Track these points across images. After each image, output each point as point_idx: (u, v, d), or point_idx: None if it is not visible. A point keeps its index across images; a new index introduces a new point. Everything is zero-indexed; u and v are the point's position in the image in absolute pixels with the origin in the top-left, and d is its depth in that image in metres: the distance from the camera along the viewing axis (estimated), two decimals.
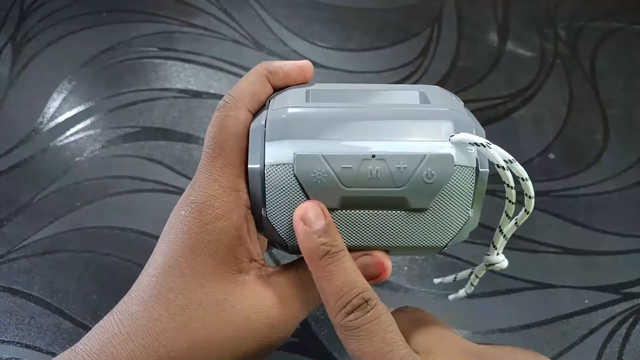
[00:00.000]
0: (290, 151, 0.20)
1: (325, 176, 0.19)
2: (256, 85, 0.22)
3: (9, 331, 0.35)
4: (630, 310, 0.36)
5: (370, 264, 0.21)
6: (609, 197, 0.42)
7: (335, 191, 0.20)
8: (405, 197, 0.20)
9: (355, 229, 0.21)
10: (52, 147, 0.43)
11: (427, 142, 0.20)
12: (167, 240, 0.21)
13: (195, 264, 0.20)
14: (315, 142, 0.20)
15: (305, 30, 0.51)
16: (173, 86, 0.47)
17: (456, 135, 0.20)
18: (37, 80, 0.47)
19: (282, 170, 0.20)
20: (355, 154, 0.19)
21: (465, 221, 0.21)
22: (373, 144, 0.20)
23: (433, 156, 0.19)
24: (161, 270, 0.20)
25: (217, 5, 0.52)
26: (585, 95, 0.48)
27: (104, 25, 0.51)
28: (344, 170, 0.19)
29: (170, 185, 0.41)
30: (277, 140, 0.20)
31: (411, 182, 0.19)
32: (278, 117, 0.20)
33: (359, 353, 0.18)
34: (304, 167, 0.19)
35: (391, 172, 0.19)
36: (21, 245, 0.38)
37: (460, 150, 0.20)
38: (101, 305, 0.36)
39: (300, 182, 0.20)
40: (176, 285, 0.20)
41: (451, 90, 0.51)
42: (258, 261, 0.21)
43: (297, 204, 0.20)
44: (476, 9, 0.54)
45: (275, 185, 0.20)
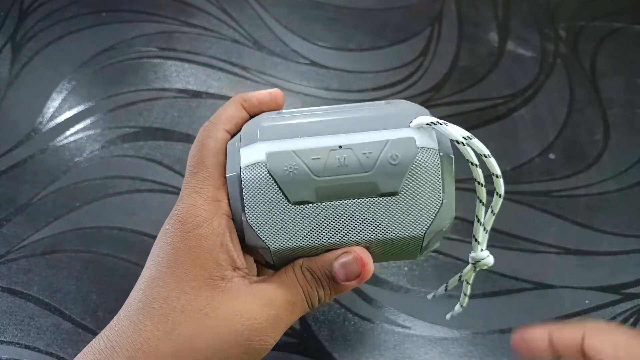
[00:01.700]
0: (263, 151, 0.21)
1: (296, 169, 0.20)
2: (232, 110, 0.24)
3: (9, 331, 0.34)
4: (630, 311, 0.36)
5: (349, 261, 0.21)
6: (609, 197, 0.42)
7: (308, 182, 0.20)
8: (374, 182, 0.21)
9: (333, 222, 0.21)
10: (52, 147, 0.43)
11: (390, 130, 0.21)
12: (153, 255, 0.21)
13: (178, 272, 0.20)
14: (285, 142, 0.21)
15: (305, 30, 0.51)
16: (172, 86, 0.47)
17: (415, 120, 0.21)
18: (36, 80, 0.47)
19: (257, 169, 0.21)
20: (323, 146, 0.21)
21: (439, 205, 0.21)
22: (339, 137, 0.21)
23: (396, 140, 0.21)
24: (147, 283, 0.21)
25: (217, 4, 0.52)
26: (585, 95, 0.48)
27: (103, 25, 0.50)
28: (314, 161, 0.20)
29: (170, 186, 0.41)
30: (251, 144, 0.21)
31: (378, 165, 0.20)
32: (251, 128, 0.22)
33: None
34: (276, 163, 0.20)
35: (358, 159, 0.20)
36: (20, 246, 0.38)
37: (422, 134, 0.21)
38: (100, 305, 0.36)
39: (274, 177, 0.20)
40: (160, 295, 0.20)
41: (451, 90, 0.51)
42: (242, 269, 0.22)
43: (273, 201, 0.21)
44: (476, 8, 0.54)
45: (251, 184, 0.21)
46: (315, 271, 0.22)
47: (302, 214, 0.21)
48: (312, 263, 0.22)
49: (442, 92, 0.47)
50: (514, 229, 0.40)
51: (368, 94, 0.47)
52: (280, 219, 0.21)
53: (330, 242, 0.21)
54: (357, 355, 0.34)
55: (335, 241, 0.21)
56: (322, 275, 0.22)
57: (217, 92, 0.47)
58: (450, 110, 0.46)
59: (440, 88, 0.47)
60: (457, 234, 0.39)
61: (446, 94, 0.47)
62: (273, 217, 0.21)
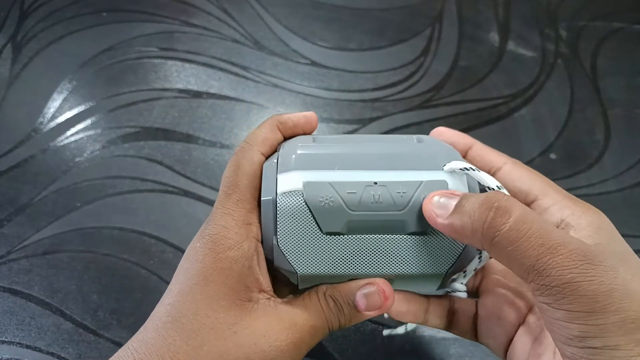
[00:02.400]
0: (300, 180, 0.21)
1: (332, 201, 0.21)
2: (268, 133, 0.25)
3: (9, 331, 0.34)
4: None
5: (372, 293, 0.23)
6: (610, 197, 0.42)
7: (341, 215, 0.21)
8: (406, 220, 0.21)
9: (361, 255, 0.22)
10: (52, 147, 0.43)
11: (424, 171, 0.22)
12: (182, 270, 0.22)
13: (208, 291, 0.21)
14: (322, 172, 0.22)
15: (305, 30, 0.51)
16: (173, 86, 0.47)
17: (448, 164, 0.22)
18: (37, 80, 0.47)
19: (293, 197, 0.21)
20: (359, 181, 0.21)
21: (462, 248, 0.22)
22: (375, 173, 0.22)
23: (429, 182, 0.22)
24: (176, 298, 0.21)
25: (217, 4, 0.52)
26: (586, 95, 0.48)
27: (104, 25, 0.50)
28: (349, 195, 0.21)
29: (170, 186, 0.41)
30: (288, 172, 0.22)
31: (411, 205, 0.21)
32: (288, 153, 0.23)
33: None
34: (313, 193, 0.21)
35: (392, 197, 0.21)
36: (21, 246, 0.38)
37: (453, 177, 0.22)
38: (101, 306, 0.36)
39: (309, 207, 0.21)
40: (190, 310, 0.20)
41: (452, 90, 0.51)
42: (267, 292, 0.22)
43: (306, 229, 0.22)
44: (477, 8, 0.54)
45: (286, 211, 0.21)
46: (338, 299, 0.23)
47: (332, 244, 0.22)
48: (335, 291, 0.23)
49: (442, 92, 0.47)
50: None
51: (368, 94, 0.47)
52: (311, 247, 0.22)
53: (356, 272, 0.22)
54: (357, 355, 0.34)
55: (360, 272, 0.22)
56: (345, 303, 0.23)
57: (217, 92, 0.47)
58: (450, 110, 0.46)
59: (441, 88, 0.47)
60: None
61: (447, 94, 0.47)
62: (304, 244, 0.22)
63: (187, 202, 0.40)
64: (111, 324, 0.35)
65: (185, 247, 0.38)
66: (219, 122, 0.45)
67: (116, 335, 0.34)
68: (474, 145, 0.26)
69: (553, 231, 0.18)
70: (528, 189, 0.23)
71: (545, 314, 0.18)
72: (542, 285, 0.18)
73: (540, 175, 0.24)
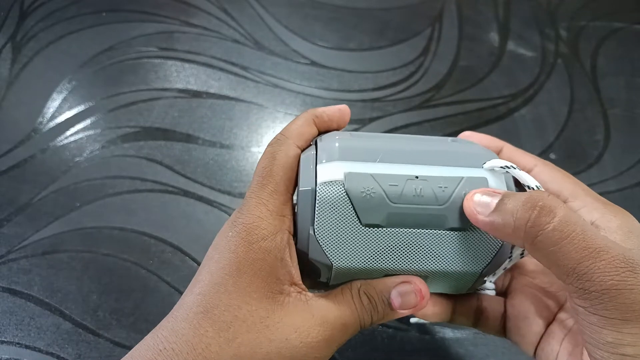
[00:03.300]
0: (341, 170, 0.21)
1: (374, 192, 0.21)
2: (304, 127, 0.24)
3: (9, 331, 0.34)
4: None
5: (408, 291, 0.22)
6: (610, 197, 0.41)
7: (382, 207, 0.21)
8: (446, 216, 0.21)
9: (399, 248, 0.22)
10: (52, 147, 0.43)
11: (464, 167, 0.22)
12: (213, 259, 0.21)
13: (241, 282, 0.20)
14: (363, 164, 0.21)
15: (305, 30, 0.51)
16: (173, 86, 0.47)
17: (488, 162, 0.22)
18: (36, 80, 0.47)
19: (334, 187, 0.21)
20: (401, 174, 0.21)
21: (499, 247, 0.22)
22: (416, 167, 0.22)
23: (470, 179, 0.21)
24: (207, 288, 0.21)
25: (217, 4, 0.52)
26: (586, 95, 0.48)
27: (103, 25, 0.50)
28: (391, 187, 0.21)
29: (170, 186, 0.41)
30: (328, 162, 0.22)
31: (452, 200, 0.21)
32: (328, 145, 0.23)
33: None
34: (354, 183, 0.21)
35: (434, 191, 0.21)
36: (21, 246, 0.38)
37: (493, 175, 0.22)
38: (101, 306, 0.35)
39: (350, 197, 0.21)
40: (222, 302, 0.20)
41: (452, 90, 0.51)
42: (298, 285, 0.22)
43: (345, 220, 0.21)
44: (477, 8, 0.54)
45: (326, 201, 0.21)
46: (372, 296, 0.22)
47: (370, 236, 0.21)
48: (369, 287, 0.23)
49: (442, 92, 0.47)
50: None
51: (368, 93, 0.47)
52: (349, 238, 0.21)
53: (392, 267, 0.22)
54: (357, 355, 0.34)
55: (397, 267, 0.22)
56: (379, 300, 0.22)
57: (217, 92, 0.47)
58: (450, 110, 0.46)
59: (441, 88, 0.47)
60: None
61: (447, 94, 0.47)
62: (341, 236, 0.21)
63: (186, 202, 0.40)
64: (111, 324, 0.35)
65: (185, 247, 0.38)
66: (218, 122, 0.45)
67: (116, 335, 0.34)
68: (504, 147, 0.26)
69: (596, 235, 0.18)
70: (558, 191, 0.23)
71: (580, 316, 0.18)
72: (581, 289, 0.18)
73: (570, 177, 0.24)
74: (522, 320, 0.24)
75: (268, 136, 0.44)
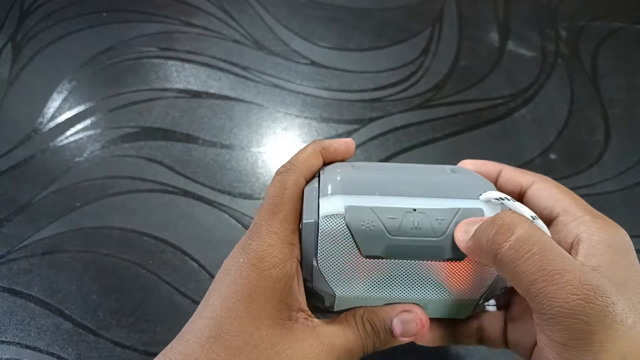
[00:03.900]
0: (342, 204, 0.22)
1: (373, 225, 0.21)
2: (312, 158, 0.25)
3: (9, 331, 0.34)
4: None
5: (409, 320, 0.23)
6: (610, 197, 0.42)
7: (382, 239, 0.22)
8: (443, 247, 0.22)
9: (399, 279, 0.22)
10: (52, 147, 0.43)
11: (460, 199, 0.22)
12: (224, 284, 0.22)
13: (252, 308, 0.21)
14: (363, 197, 0.22)
15: (305, 30, 0.51)
16: (173, 86, 0.47)
17: (484, 193, 0.22)
18: (37, 80, 0.47)
19: (335, 220, 0.22)
20: (399, 207, 0.22)
21: (495, 275, 0.22)
22: (414, 200, 0.22)
23: (466, 210, 0.22)
24: (219, 313, 0.21)
25: (217, 4, 0.52)
26: (586, 95, 0.48)
27: (103, 25, 0.50)
28: (390, 220, 0.22)
29: (170, 186, 0.41)
30: (330, 196, 0.22)
31: (449, 232, 0.22)
32: (330, 178, 0.23)
33: None
34: (354, 217, 0.21)
35: (431, 223, 0.22)
36: (21, 246, 0.38)
37: (489, 206, 0.22)
38: (101, 306, 0.36)
39: (351, 230, 0.21)
40: (233, 327, 0.21)
41: (452, 90, 0.51)
42: (305, 311, 0.23)
43: (346, 253, 0.22)
44: (477, 8, 0.54)
45: (328, 234, 0.22)
46: (375, 323, 0.23)
47: (371, 267, 0.22)
48: (372, 315, 0.23)
49: (442, 92, 0.47)
50: None
51: (369, 93, 0.47)
52: (350, 269, 0.22)
53: (392, 296, 0.23)
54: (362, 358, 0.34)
55: (397, 296, 0.23)
56: (381, 327, 0.23)
57: (217, 92, 0.47)
58: (450, 110, 0.46)
59: (441, 88, 0.47)
60: None
61: (447, 94, 0.47)
62: (343, 267, 0.22)
63: (187, 202, 0.40)
64: (111, 324, 0.35)
65: (185, 247, 0.38)
66: (218, 122, 0.45)
67: (116, 335, 0.34)
68: (503, 169, 0.26)
69: (557, 256, 0.18)
70: (552, 206, 0.23)
71: (537, 329, 0.19)
72: (534, 308, 0.18)
73: (568, 192, 0.24)
74: (519, 330, 0.25)
75: (268, 136, 0.44)
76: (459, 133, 0.45)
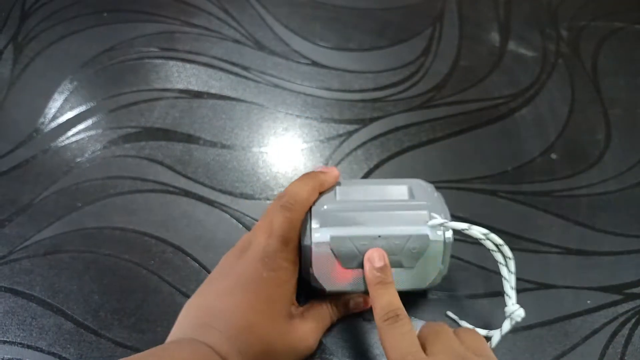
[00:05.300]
0: (328, 234, 0.31)
1: (350, 249, 0.31)
2: (312, 196, 0.33)
3: (11, 331, 0.35)
4: (632, 311, 0.36)
5: (361, 301, 0.35)
6: (611, 197, 0.42)
7: (355, 258, 0.31)
8: (400, 260, 0.31)
9: None
10: (53, 147, 0.43)
11: (412, 227, 0.31)
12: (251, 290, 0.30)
13: (272, 309, 0.30)
14: (342, 228, 0.31)
15: (306, 30, 0.51)
16: (174, 86, 0.47)
17: (430, 221, 0.31)
18: (38, 81, 0.47)
19: (323, 246, 0.31)
20: (368, 235, 0.31)
21: (437, 272, 0.32)
22: (379, 229, 0.31)
23: (415, 236, 0.31)
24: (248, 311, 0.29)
25: (218, 5, 0.52)
26: (587, 95, 0.48)
27: (104, 26, 0.51)
28: (362, 245, 0.31)
29: (171, 186, 0.41)
30: (319, 227, 0.31)
31: (403, 252, 0.31)
32: (319, 211, 0.32)
33: (387, 346, 0.27)
34: (336, 244, 0.31)
35: (390, 246, 0.31)
36: (22, 246, 0.38)
37: (434, 230, 0.31)
38: (102, 306, 0.36)
39: (334, 252, 0.31)
40: (260, 321, 0.29)
41: (453, 90, 0.51)
42: (296, 304, 0.33)
43: (332, 266, 0.31)
44: (478, 8, 0.54)
45: (319, 255, 0.31)
46: (338, 305, 0.34)
47: (349, 274, 0.31)
48: (337, 301, 0.34)
49: (443, 92, 0.47)
50: (516, 229, 0.40)
51: (369, 94, 0.47)
52: (335, 275, 0.32)
53: (364, 288, 0.31)
54: (358, 355, 0.34)
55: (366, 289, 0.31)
56: (343, 305, 0.34)
57: (218, 92, 0.47)
58: (451, 110, 0.46)
59: (442, 88, 0.47)
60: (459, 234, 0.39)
61: (447, 94, 0.47)
62: (330, 274, 0.32)
63: (187, 203, 0.40)
64: (112, 324, 0.35)
65: (186, 247, 0.38)
66: (219, 122, 0.45)
67: (117, 335, 0.35)
68: None
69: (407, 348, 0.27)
70: None
71: None
72: None
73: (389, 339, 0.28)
74: None
75: (269, 136, 0.44)
76: (460, 133, 0.45)
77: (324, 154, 0.43)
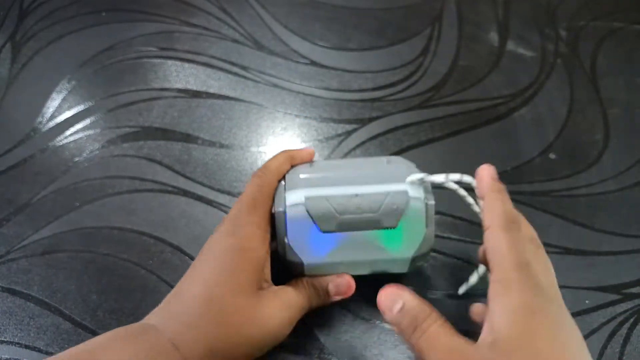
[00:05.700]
0: (303, 195, 0.29)
1: (326, 208, 0.29)
2: (283, 165, 0.32)
3: (9, 331, 0.34)
4: (631, 311, 0.36)
5: (342, 283, 0.31)
6: (610, 197, 0.42)
7: (334, 218, 0.29)
8: (379, 220, 0.29)
9: (349, 245, 0.29)
10: (52, 147, 0.43)
11: (390, 184, 0.29)
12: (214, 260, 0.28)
13: (236, 281, 0.27)
14: (318, 189, 0.29)
15: (305, 30, 0.51)
16: (172, 86, 0.47)
17: (408, 177, 0.29)
18: (36, 80, 0.47)
19: (298, 208, 0.29)
20: (344, 194, 0.29)
21: (422, 236, 0.30)
22: (356, 187, 0.29)
23: (393, 192, 0.29)
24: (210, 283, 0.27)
25: (217, 4, 0.52)
26: (586, 95, 0.48)
27: (103, 25, 0.50)
28: (339, 204, 0.29)
29: (170, 185, 0.41)
30: (293, 190, 0.30)
31: (382, 208, 0.29)
32: (293, 178, 0.31)
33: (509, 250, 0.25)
34: (312, 204, 0.29)
35: (369, 204, 0.29)
36: (20, 246, 0.38)
37: (413, 187, 0.29)
38: (100, 305, 0.36)
39: (310, 214, 0.29)
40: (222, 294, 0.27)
41: (452, 90, 0.51)
42: (269, 282, 0.30)
43: (309, 230, 0.29)
44: (477, 8, 0.54)
45: (294, 218, 0.29)
46: (316, 286, 0.31)
47: (328, 239, 0.29)
48: (315, 280, 0.31)
49: (442, 92, 0.47)
50: None
51: (368, 93, 0.47)
52: (312, 242, 0.29)
53: (345, 259, 0.30)
54: (357, 355, 0.34)
55: (349, 259, 0.30)
56: (321, 289, 0.31)
57: (217, 91, 0.47)
58: (450, 110, 0.46)
59: (441, 88, 0.47)
60: (457, 234, 0.39)
61: (446, 94, 0.47)
62: (307, 241, 0.29)
63: (186, 202, 0.40)
64: (110, 324, 0.35)
65: (185, 247, 0.38)
66: (218, 121, 0.45)
67: None
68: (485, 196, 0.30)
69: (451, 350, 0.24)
70: (491, 259, 0.26)
71: None
72: None
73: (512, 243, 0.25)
74: None
75: (268, 136, 0.44)
76: (459, 133, 0.45)
77: (322, 154, 0.43)
